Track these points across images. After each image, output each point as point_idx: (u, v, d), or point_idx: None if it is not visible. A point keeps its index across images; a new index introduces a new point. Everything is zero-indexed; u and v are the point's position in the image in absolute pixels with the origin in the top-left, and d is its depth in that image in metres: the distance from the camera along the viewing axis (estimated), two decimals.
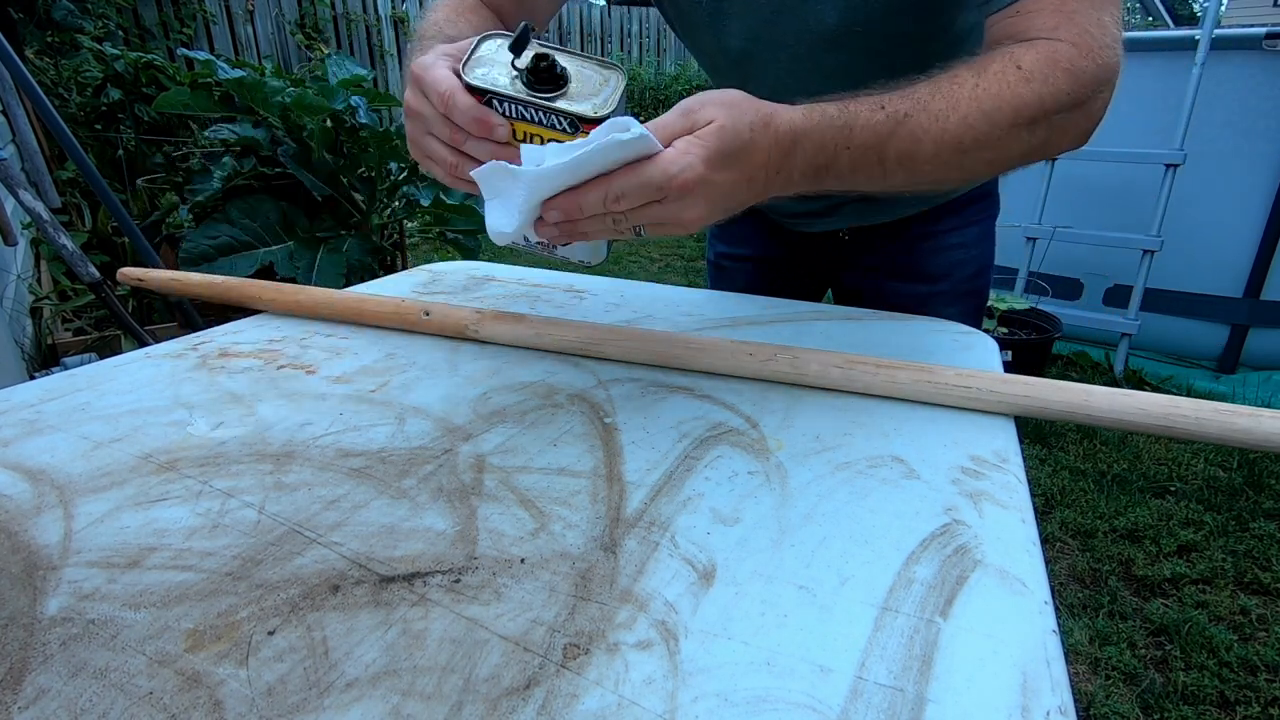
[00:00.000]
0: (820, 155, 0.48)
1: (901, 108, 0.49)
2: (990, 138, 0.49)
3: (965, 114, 0.49)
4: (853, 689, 0.27)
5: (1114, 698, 1.22)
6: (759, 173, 0.47)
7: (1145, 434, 0.47)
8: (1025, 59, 0.50)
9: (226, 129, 2.04)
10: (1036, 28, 0.51)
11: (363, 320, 0.67)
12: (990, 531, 0.37)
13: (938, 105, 0.49)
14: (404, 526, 0.37)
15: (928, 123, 0.49)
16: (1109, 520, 1.68)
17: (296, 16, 5.19)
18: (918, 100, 0.49)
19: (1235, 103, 2.34)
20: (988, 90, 0.49)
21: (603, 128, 0.40)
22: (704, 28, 0.70)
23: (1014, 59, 0.50)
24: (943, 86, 0.50)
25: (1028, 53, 0.50)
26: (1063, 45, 0.50)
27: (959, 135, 0.49)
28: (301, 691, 0.27)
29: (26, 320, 2.13)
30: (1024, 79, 0.49)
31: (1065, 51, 0.50)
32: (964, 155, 0.50)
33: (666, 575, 0.34)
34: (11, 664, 0.28)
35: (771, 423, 0.49)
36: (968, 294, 0.84)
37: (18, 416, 0.49)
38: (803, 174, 0.49)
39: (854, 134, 0.48)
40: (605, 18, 7.17)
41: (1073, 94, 0.50)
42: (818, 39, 0.64)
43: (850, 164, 0.49)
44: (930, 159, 0.49)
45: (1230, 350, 2.50)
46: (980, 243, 0.83)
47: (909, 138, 0.49)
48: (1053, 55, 0.50)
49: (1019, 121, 0.49)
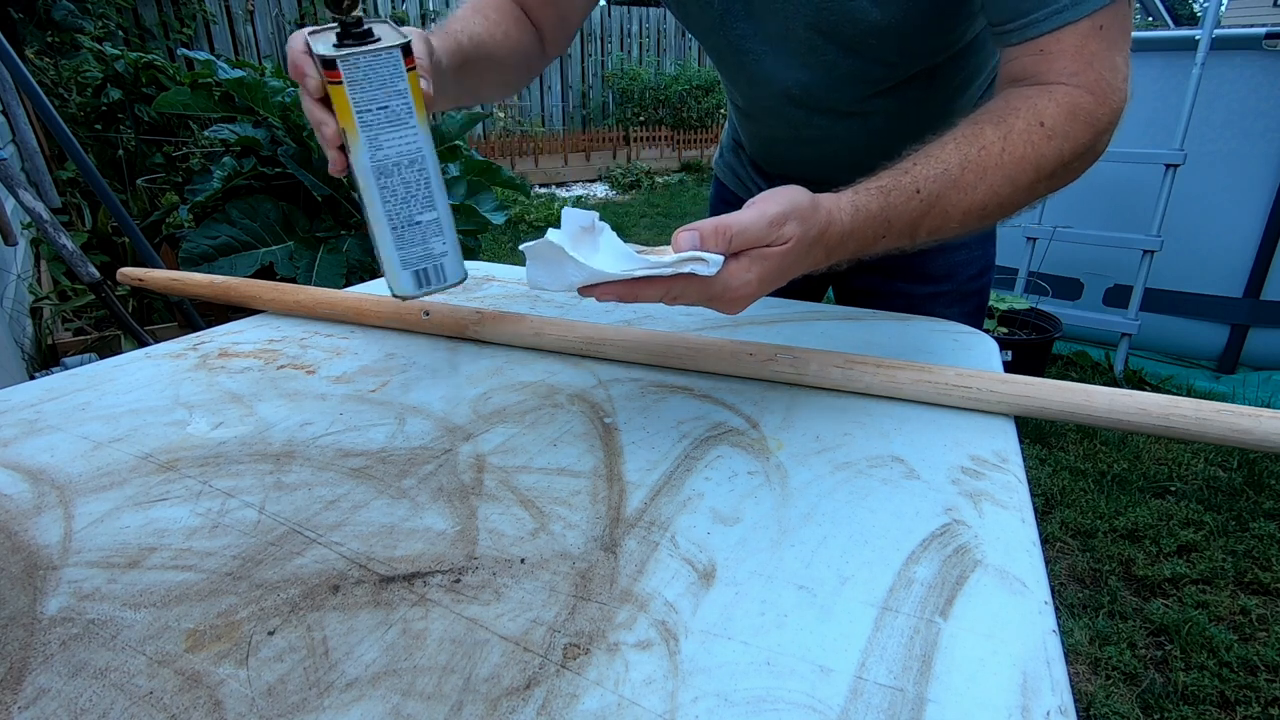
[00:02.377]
0: (859, 249, 0.51)
1: (935, 189, 0.50)
2: (1013, 199, 0.51)
3: (992, 183, 0.50)
4: (853, 689, 0.27)
5: (1114, 698, 1.22)
6: (802, 270, 0.49)
7: (1145, 434, 0.47)
8: (1048, 114, 0.51)
9: (226, 129, 2.04)
10: (1057, 71, 0.51)
11: (363, 320, 0.67)
12: (990, 531, 0.37)
13: (968, 179, 0.50)
14: (404, 526, 0.37)
15: (957, 198, 0.51)
16: (1109, 520, 1.68)
17: (296, 16, 5.19)
18: (949, 177, 0.51)
19: (1235, 103, 2.34)
20: (1013, 154, 0.50)
21: (683, 255, 0.39)
22: (714, 29, 0.70)
23: (1038, 115, 0.51)
24: (972, 157, 0.51)
25: (1049, 105, 0.51)
26: (1082, 95, 0.50)
27: (985, 203, 0.51)
28: (301, 691, 0.27)
29: (26, 320, 2.13)
30: (1047, 136, 0.50)
31: (1085, 102, 0.50)
32: (986, 219, 0.52)
33: (666, 575, 0.34)
34: (11, 664, 0.28)
35: (771, 423, 0.49)
36: (970, 294, 0.84)
37: (18, 416, 0.49)
38: (844, 259, 0.51)
39: (892, 226, 0.51)
40: (605, 18, 7.17)
41: (1090, 143, 0.51)
42: (833, 47, 0.64)
43: (884, 248, 0.52)
44: (957, 228, 0.52)
45: (1230, 350, 2.50)
46: (983, 243, 0.84)
47: (940, 215, 0.51)
48: (1074, 107, 0.50)
49: (1040, 177, 0.51)
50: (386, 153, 0.43)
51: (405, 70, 0.41)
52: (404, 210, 0.45)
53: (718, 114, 7.22)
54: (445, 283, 0.47)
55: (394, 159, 0.43)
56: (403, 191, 0.44)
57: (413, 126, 0.43)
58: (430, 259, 0.46)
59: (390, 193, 0.44)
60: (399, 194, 0.44)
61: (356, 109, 0.41)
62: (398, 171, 0.44)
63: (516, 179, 2.29)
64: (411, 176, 0.44)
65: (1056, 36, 0.51)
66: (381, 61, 0.41)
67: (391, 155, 0.43)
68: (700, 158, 6.95)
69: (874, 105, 0.69)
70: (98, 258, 2.26)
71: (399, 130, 0.43)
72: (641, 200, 5.69)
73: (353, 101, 0.41)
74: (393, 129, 0.42)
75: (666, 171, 6.77)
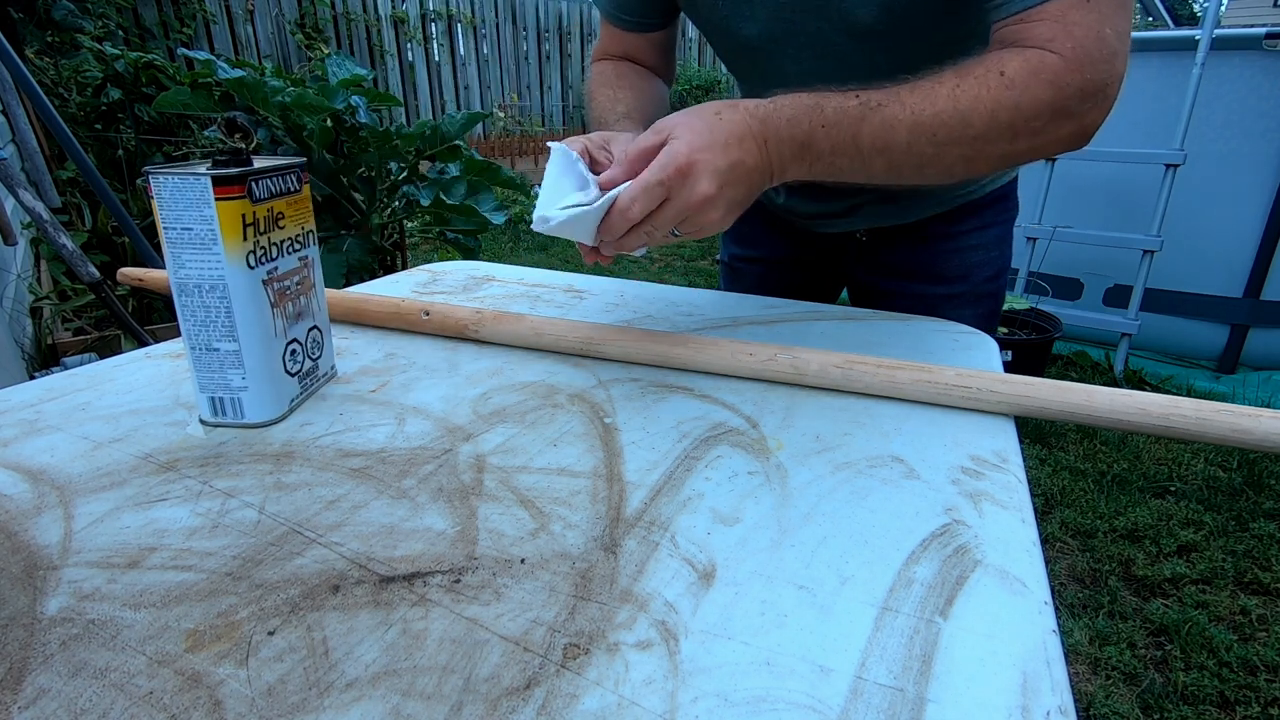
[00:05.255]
0: (796, 128, 0.51)
1: (875, 98, 0.51)
2: (965, 136, 0.51)
3: (940, 110, 0.51)
4: (853, 689, 0.27)
5: (1114, 698, 1.22)
6: (748, 145, 0.50)
7: (1145, 434, 0.47)
8: (1010, 65, 0.51)
9: None
10: (1035, 36, 0.51)
11: (363, 320, 0.67)
12: (990, 531, 0.37)
13: (913, 99, 0.51)
14: (404, 526, 0.37)
15: (900, 113, 0.51)
16: (1109, 520, 1.68)
17: (296, 16, 5.19)
18: (893, 93, 0.52)
19: (1235, 103, 2.34)
20: (966, 92, 0.51)
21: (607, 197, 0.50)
22: (719, 27, 0.70)
23: (1000, 64, 0.51)
24: (922, 84, 0.52)
25: (1014, 59, 0.51)
26: (1052, 57, 0.50)
27: (932, 128, 0.51)
28: (301, 691, 0.27)
29: (26, 320, 2.13)
30: (1005, 85, 0.50)
31: (1052, 63, 0.50)
32: (939, 148, 0.52)
33: (666, 575, 0.34)
34: (11, 664, 0.28)
35: (771, 423, 0.49)
36: (985, 296, 0.84)
37: (18, 416, 0.49)
38: (790, 149, 0.52)
39: (825, 113, 0.51)
40: None
41: (1054, 104, 0.51)
42: (842, 35, 0.64)
43: (830, 144, 0.52)
44: (905, 149, 0.52)
45: (1230, 350, 2.50)
46: (999, 245, 0.83)
47: (881, 125, 0.51)
48: (1039, 65, 0.50)
49: (996, 124, 0.51)
50: (187, 272, 0.44)
51: (214, 199, 0.43)
52: (201, 333, 0.46)
53: None
54: (242, 419, 0.47)
55: (194, 280, 0.45)
56: (201, 315, 0.45)
57: (216, 254, 0.44)
58: (227, 390, 0.47)
59: (190, 312, 0.45)
60: (198, 316, 0.45)
61: (163, 224, 0.44)
62: (198, 293, 0.45)
63: (516, 179, 2.29)
64: (212, 302, 0.45)
65: (1041, 9, 0.51)
66: (189, 185, 0.42)
67: (192, 276, 0.45)
68: None
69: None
70: (98, 258, 2.26)
71: (200, 254, 0.44)
72: None
73: (160, 217, 0.43)
74: (194, 251, 0.44)
75: None
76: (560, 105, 7.12)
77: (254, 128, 0.57)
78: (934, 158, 0.52)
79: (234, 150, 0.45)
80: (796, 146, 0.52)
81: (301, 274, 0.50)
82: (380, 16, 5.62)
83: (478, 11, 6.26)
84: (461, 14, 6.14)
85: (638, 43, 0.81)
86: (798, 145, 0.52)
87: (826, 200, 0.83)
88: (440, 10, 6.01)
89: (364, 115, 2.16)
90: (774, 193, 0.88)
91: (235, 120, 0.46)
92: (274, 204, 0.46)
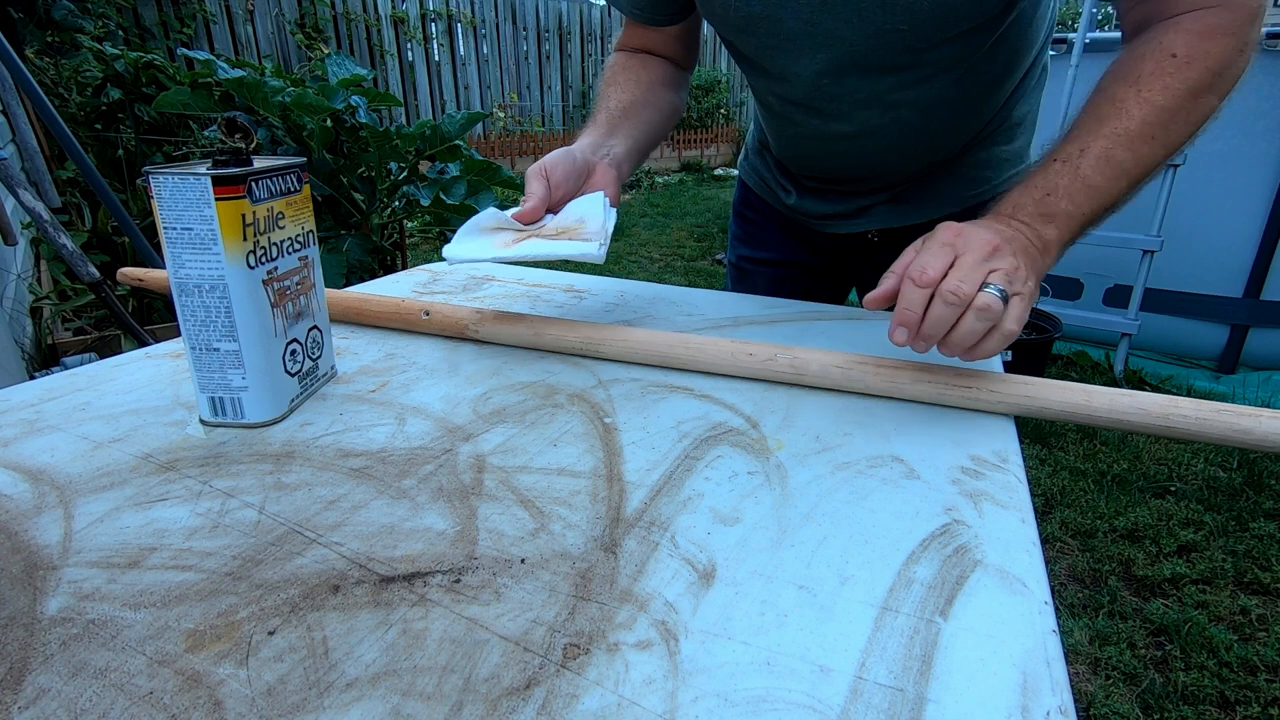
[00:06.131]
0: (1046, 228, 0.52)
1: (1069, 149, 0.52)
2: (1177, 120, 0.51)
3: (1144, 115, 0.50)
4: (853, 689, 0.27)
5: (1114, 698, 1.22)
6: (1038, 246, 0.52)
7: (1145, 434, 0.47)
8: (1178, 44, 0.49)
9: None
10: (1175, 2, 0.50)
11: (363, 320, 0.67)
12: (990, 531, 0.37)
13: (1110, 126, 0.51)
14: (404, 526, 0.37)
15: (1109, 145, 0.51)
16: (1109, 520, 1.68)
17: (296, 16, 5.19)
18: (1087, 132, 0.52)
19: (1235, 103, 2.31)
20: (1154, 88, 0.50)
21: (592, 243, 0.57)
22: (743, 28, 0.70)
23: (1166, 48, 0.50)
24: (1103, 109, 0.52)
25: (1178, 37, 0.50)
26: (1209, 14, 0.49)
27: (1149, 134, 0.51)
28: (301, 691, 0.27)
29: (26, 320, 2.13)
30: (1181, 65, 0.49)
31: (1218, 18, 0.49)
32: (1166, 147, 0.52)
33: (666, 575, 0.34)
34: (11, 664, 0.28)
35: (771, 423, 0.49)
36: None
37: (18, 416, 0.49)
38: (1062, 232, 0.53)
39: (1057, 188, 0.52)
40: (606, 17, 7.17)
41: (1238, 48, 0.50)
42: (879, 27, 0.63)
43: (1071, 206, 0.52)
44: (1134, 163, 0.52)
45: (1230, 350, 2.50)
46: None
47: (1099, 159, 0.51)
48: (1206, 28, 0.49)
49: (1197, 96, 0.50)
50: (187, 272, 0.45)
51: (214, 199, 0.43)
52: (202, 334, 0.46)
53: (717, 114, 7.22)
54: (242, 419, 0.48)
55: (194, 280, 0.45)
56: (201, 315, 0.45)
57: (215, 254, 0.44)
58: (227, 390, 0.47)
59: (190, 312, 0.46)
60: (198, 316, 0.46)
61: (163, 224, 0.44)
62: (198, 294, 0.45)
63: (516, 179, 2.29)
64: (212, 302, 0.45)
65: None
66: (188, 186, 0.43)
67: (192, 276, 0.45)
68: (700, 157, 6.96)
69: (904, 97, 0.69)
70: (98, 258, 2.26)
71: (200, 254, 0.44)
72: (641, 200, 5.68)
73: (161, 217, 0.44)
74: (194, 251, 0.44)
75: (666, 171, 6.78)
76: (560, 105, 7.12)
77: (254, 128, 0.58)
78: (1163, 143, 0.52)
79: (234, 150, 0.45)
80: (1054, 232, 0.52)
81: (301, 274, 0.50)
82: (380, 16, 5.62)
83: (478, 11, 6.26)
84: (461, 14, 6.14)
85: (654, 35, 0.81)
86: (1054, 230, 0.52)
87: (838, 201, 0.83)
88: (440, 10, 6.01)
89: (364, 115, 2.16)
90: (785, 193, 0.88)
91: (235, 120, 0.46)
92: (274, 204, 0.46)
